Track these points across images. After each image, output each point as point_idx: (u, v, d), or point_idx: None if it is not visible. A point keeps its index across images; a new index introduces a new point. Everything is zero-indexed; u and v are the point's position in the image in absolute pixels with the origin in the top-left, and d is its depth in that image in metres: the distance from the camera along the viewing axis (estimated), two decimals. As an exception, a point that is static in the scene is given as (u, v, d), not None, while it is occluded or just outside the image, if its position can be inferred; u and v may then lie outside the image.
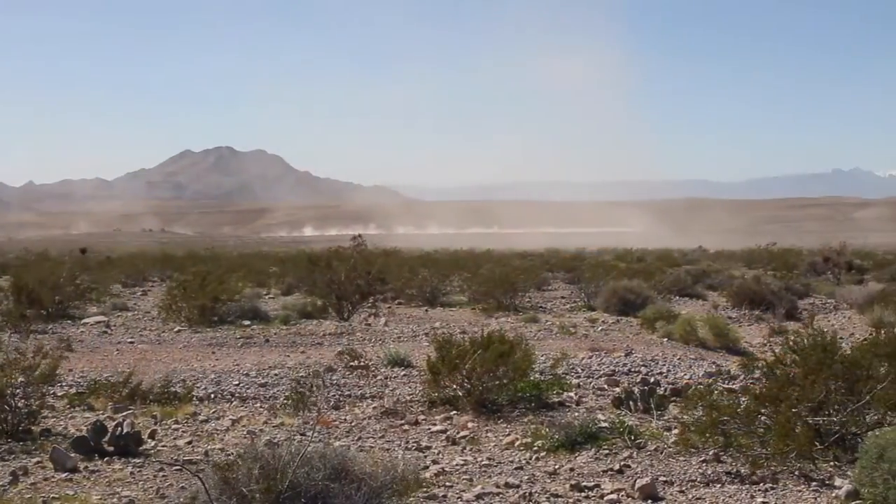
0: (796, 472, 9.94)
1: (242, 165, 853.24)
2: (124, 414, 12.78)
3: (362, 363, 16.86)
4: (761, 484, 9.68)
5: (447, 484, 9.70)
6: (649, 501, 9.26)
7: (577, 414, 13.16)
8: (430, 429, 12.49)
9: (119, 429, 10.79)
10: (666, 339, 21.86)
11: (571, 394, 14.48)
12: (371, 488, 7.60)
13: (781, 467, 9.95)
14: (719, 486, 9.72)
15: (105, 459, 10.46)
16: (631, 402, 13.36)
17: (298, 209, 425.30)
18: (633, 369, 17.03)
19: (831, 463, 10.25)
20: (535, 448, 11.27)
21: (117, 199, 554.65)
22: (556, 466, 10.51)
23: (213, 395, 14.66)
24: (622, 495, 9.39)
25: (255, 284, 38.41)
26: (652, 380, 15.53)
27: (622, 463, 10.55)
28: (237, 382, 15.63)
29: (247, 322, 24.94)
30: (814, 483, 9.68)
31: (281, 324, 24.69)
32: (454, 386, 13.74)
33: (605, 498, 9.31)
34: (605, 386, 15.40)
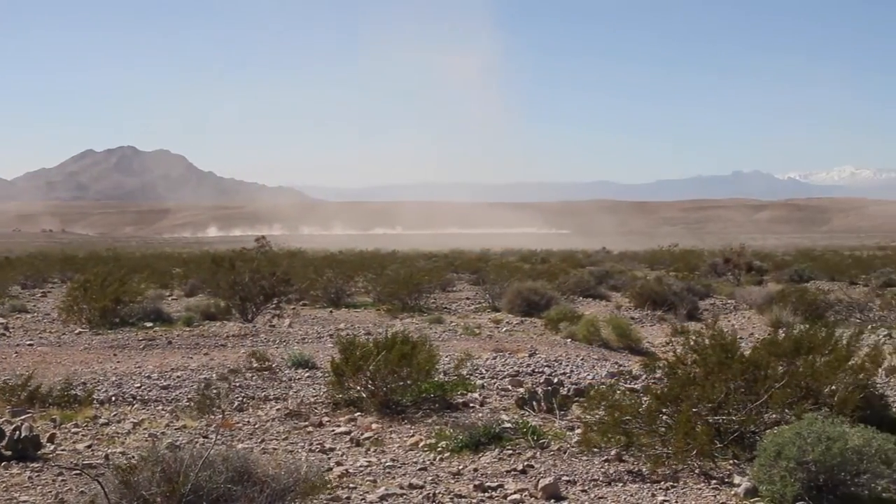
0: (696, 471, 10.07)
1: (145, 165, 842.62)
2: (23, 417, 12.55)
3: (266, 365, 16.76)
4: (662, 482, 9.80)
5: (351, 485, 9.68)
6: (552, 501, 9.32)
7: (480, 414, 13.22)
8: (334, 430, 12.46)
9: (17, 433, 10.61)
10: (569, 340, 22.01)
11: (475, 394, 14.53)
12: (274, 491, 7.56)
13: (682, 466, 10.07)
14: (621, 484, 9.82)
15: (2, 464, 10.27)
16: (534, 403, 13.44)
17: (202, 210, 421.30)
18: (536, 370, 17.11)
19: (731, 461, 10.40)
20: (439, 449, 11.29)
21: (16, 199, 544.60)
22: (460, 467, 10.54)
23: (114, 398, 14.46)
24: (525, 495, 9.44)
25: (157, 286, 37.92)
26: (555, 380, 15.63)
27: (525, 463, 10.61)
28: (139, 385, 15.43)
29: (149, 324, 24.65)
30: (713, 481, 9.83)
31: (184, 325, 24.46)
32: (358, 387, 13.73)
33: (509, 498, 9.35)
34: (509, 386, 15.45)
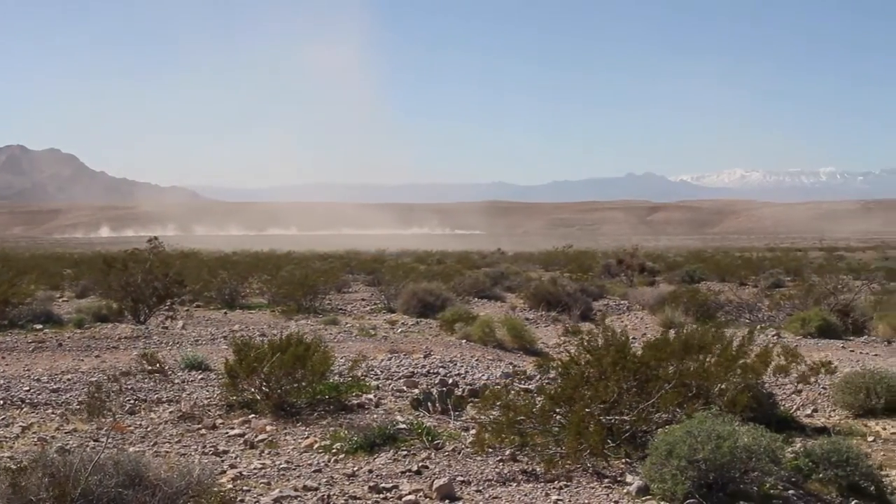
0: (590, 470, 10.16)
1: (35, 165, 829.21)
2: None
3: (159, 367, 16.58)
4: (556, 482, 9.88)
5: (244, 488, 9.62)
6: (447, 501, 9.35)
7: (375, 416, 13.22)
8: (227, 433, 12.36)
9: None
10: (464, 341, 22.05)
11: (370, 396, 14.53)
12: (166, 494, 7.49)
13: (575, 465, 10.16)
14: (515, 484, 9.88)
15: None
16: (429, 404, 13.47)
17: (94, 210, 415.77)
18: (431, 371, 17.15)
19: (623, 460, 10.52)
20: (334, 450, 11.26)
21: None
22: (355, 468, 10.52)
23: (2, 402, 14.18)
24: (420, 496, 9.45)
25: (48, 287, 37.29)
26: (450, 381, 15.71)
27: (420, 464, 10.63)
28: (28, 388, 15.17)
29: (39, 326, 24.19)
30: (606, 480, 9.93)
31: (75, 327, 24.05)
32: (252, 389, 13.65)
33: (403, 499, 9.36)
34: (404, 387, 15.48)
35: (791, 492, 9.44)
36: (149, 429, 12.60)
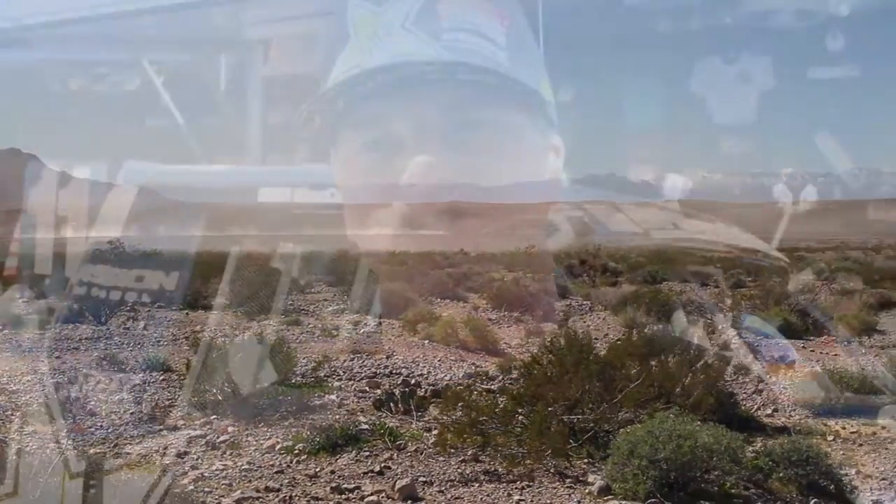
0: (552, 470, 10.19)
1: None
2: None
3: (120, 367, 16.49)
4: (518, 482, 9.89)
5: (206, 489, 9.58)
6: (409, 502, 9.34)
7: (338, 416, 13.20)
8: (189, 434, 12.30)
9: None
10: (427, 341, 22.02)
11: (333, 396, 14.50)
12: (127, 496, 7.45)
13: (537, 465, 10.18)
14: (477, 485, 9.88)
15: None
16: (392, 404, 13.46)
17: (55, 211, 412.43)
18: (394, 371, 17.13)
19: (585, 460, 10.55)
20: (296, 451, 11.23)
21: None
22: (317, 469, 10.49)
23: (-40, 404, 14.10)
24: (382, 496, 9.44)
25: (7, 287, 36.93)
26: (413, 381, 15.71)
27: (382, 464, 10.62)
28: (-13, 389, 15.07)
29: (-2, 327, 24.01)
30: (568, 479, 9.96)
31: (36, 328, 23.85)
32: (214, 390, 13.59)
33: (366, 500, 9.35)
34: (367, 388, 15.46)
35: (752, 491, 9.50)
36: (110, 430, 12.53)
